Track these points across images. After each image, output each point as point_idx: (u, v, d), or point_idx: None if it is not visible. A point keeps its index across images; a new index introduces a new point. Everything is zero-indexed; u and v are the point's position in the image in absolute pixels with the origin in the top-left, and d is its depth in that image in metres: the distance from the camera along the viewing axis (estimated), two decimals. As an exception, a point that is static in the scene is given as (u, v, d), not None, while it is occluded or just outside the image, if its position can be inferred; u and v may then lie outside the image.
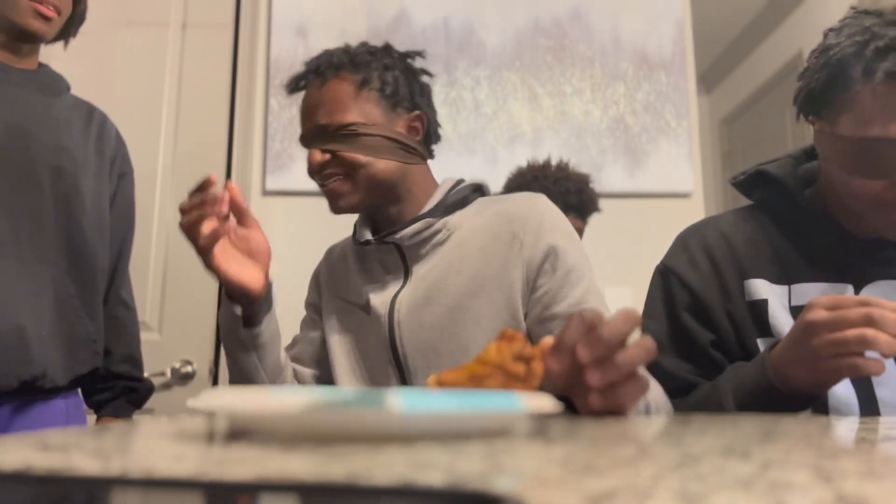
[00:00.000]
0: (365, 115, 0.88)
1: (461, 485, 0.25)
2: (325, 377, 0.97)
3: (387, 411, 0.36)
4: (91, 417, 1.22)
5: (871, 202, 0.79)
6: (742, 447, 0.35)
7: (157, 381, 1.77)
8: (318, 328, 0.99)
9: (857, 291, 0.83)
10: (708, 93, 4.06)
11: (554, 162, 1.61)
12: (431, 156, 0.97)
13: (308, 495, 0.25)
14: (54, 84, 1.16)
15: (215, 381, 1.82)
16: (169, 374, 1.75)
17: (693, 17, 2.19)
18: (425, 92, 0.96)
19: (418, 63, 0.97)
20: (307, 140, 0.90)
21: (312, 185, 2.17)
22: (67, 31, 1.18)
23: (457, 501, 0.23)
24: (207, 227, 0.76)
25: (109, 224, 1.20)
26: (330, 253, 1.04)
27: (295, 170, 1.93)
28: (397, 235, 0.89)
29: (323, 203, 0.95)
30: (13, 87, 1.08)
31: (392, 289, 0.91)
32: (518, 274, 0.85)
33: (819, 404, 0.79)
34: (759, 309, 0.84)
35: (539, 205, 0.88)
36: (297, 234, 1.93)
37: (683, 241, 0.94)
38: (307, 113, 0.90)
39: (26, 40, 1.11)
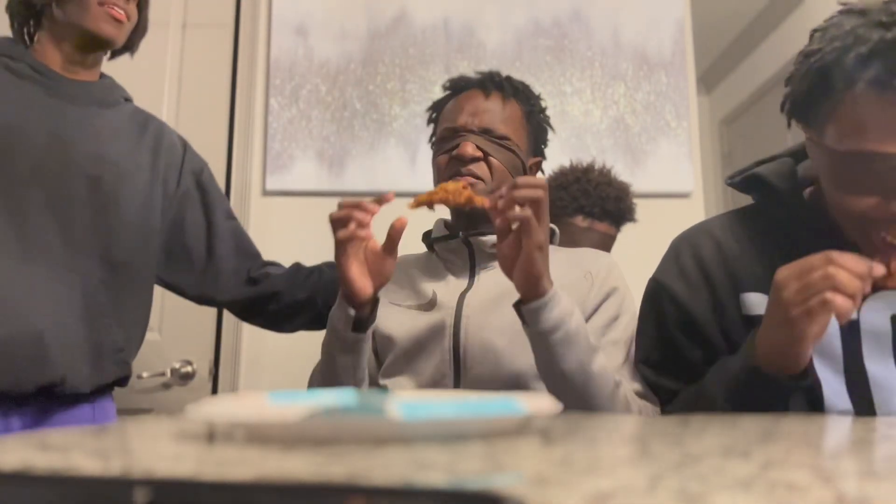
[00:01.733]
0: (519, 139, 1.02)
1: (461, 485, 0.25)
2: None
3: (387, 418, 0.36)
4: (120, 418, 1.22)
5: (859, 219, 0.75)
6: (742, 447, 0.35)
7: (157, 381, 1.77)
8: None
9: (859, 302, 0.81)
10: (708, 93, 4.05)
11: (597, 165, 1.56)
12: None
13: (308, 495, 0.25)
14: (109, 95, 1.17)
15: (215, 381, 1.82)
16: (169, 374, 1.75)
17: (693, 17, 2.19)
18: (546, 144, 1.11)
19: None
20: (468, 133, 1.00)
21: (312, 185, 2.15)
22: (132, 41, 1.20)
23: (457, 501, 0.23)
24: (351, 228, 0.87)
25: (213, 221, 1.25)
26: None
27: (295, 170, 1.93)
28: (483, 238, 1.00)
29: (323, 203, 0.97)
30: (58, 98, 1.09)
31: (458, 287, 1.00)
32: (582, 304, 0.94)
33: (815, 409, 0.78)
34: (756, 324, 0.79)
35: (607, 256, 1.03)
36: (297, 234, 1.93)
37: (675, 251, 0.90)
38: (475, 111, 1.01)
39: (96, 47, 1.13)
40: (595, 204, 1.48)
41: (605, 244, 1.51)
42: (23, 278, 0.99)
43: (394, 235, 0.89)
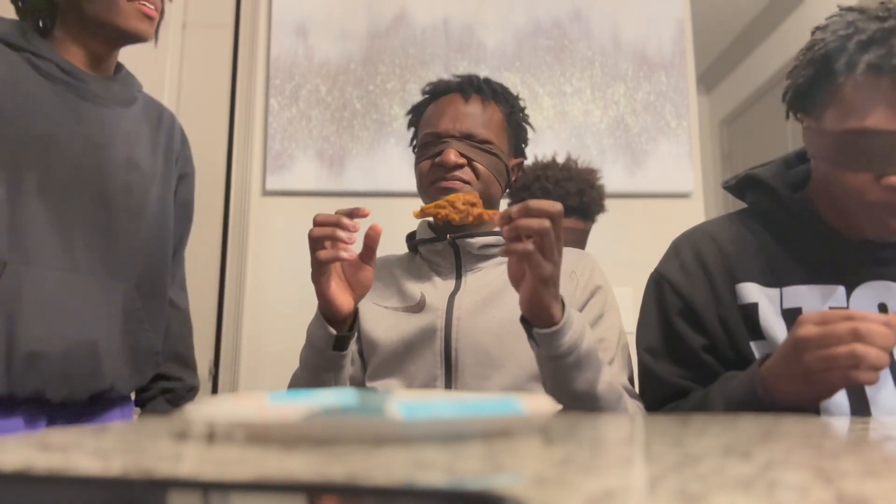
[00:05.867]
0: (500, 142, 1.02)
1: (461, 485, 0.25)
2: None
3: (387, 418, 0.36)
4: None
5: (859, 200, 0.79)
6: (742, 447, 0.35)
7: (157, 381, 1.77)
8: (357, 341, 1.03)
9: (848, 293, 0.83)
10: (708, 93, 4.05)
11: (560, 159, 1.55)
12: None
13: (308, 495, 0.25)
14: (128, 92, 1.15)
15: (215, 382, 1.82)
16: (169, 374, 1.75)
17: (693, 17, 2.19)
18: (527, 143, 1.11)
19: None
20: (451, 139, 0.99)
21: (312, 185, 2.15)
22: (156, 33, 1.16)
23: (457, 501, 0.23)
24: (330, 249, 0.82)
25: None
26: None
27: (295, 170, 1.93)
28: (470, 240, 0.99)
29: (323, 203, 0.97)
30: (87, 101, 1.07)
31: (446, 289, 0.99)
32: (570, 303, 0.93)
33: (811, 408, 0.79)
34: (751, 312, 0.85)
35: (590, 255, 1.04)
36: (297, 234, 1.93)
37: (675, 248, 0.95)
38: (456, 116, 1.00)
39: (126, 43, 1.10)
40: (556, 200, 1.47)
41: (578, 239, 1.50)
42: (74, 289, 1.00)
43: (371, 244, 0.86)
